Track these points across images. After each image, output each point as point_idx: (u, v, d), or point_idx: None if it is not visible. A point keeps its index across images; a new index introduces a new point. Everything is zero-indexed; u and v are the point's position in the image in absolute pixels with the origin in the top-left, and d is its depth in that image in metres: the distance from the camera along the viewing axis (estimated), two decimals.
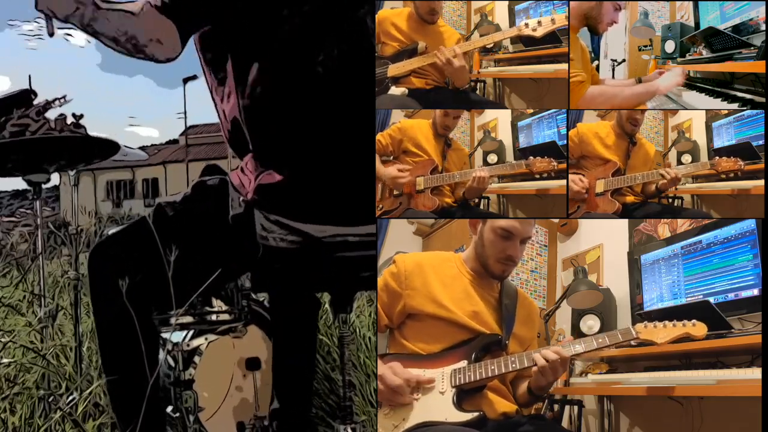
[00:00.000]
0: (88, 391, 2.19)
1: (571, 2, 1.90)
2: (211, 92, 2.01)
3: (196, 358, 2.26)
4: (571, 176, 1.89)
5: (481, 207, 1.92)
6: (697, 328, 1.66)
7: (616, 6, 1.94)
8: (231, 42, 1.90)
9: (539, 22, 1.88)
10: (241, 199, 1.90)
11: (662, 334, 1.67)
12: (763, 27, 1.83)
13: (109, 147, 2.48)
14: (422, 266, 1.87)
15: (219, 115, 2.01)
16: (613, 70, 1.98)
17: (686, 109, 1.93)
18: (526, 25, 1.90)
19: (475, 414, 1.70)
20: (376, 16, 1.91)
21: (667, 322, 1.68)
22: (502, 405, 1.78)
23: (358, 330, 2.97)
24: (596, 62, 1.98)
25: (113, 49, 1.85)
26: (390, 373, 1.76)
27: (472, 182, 1.90)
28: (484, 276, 1.87)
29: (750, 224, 1.76)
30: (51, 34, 1.80)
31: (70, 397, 2.25)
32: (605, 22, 1.94)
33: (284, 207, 1.86)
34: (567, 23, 1.89)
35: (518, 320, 1.85)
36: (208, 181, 2.01)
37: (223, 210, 1.92)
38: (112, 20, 1.81)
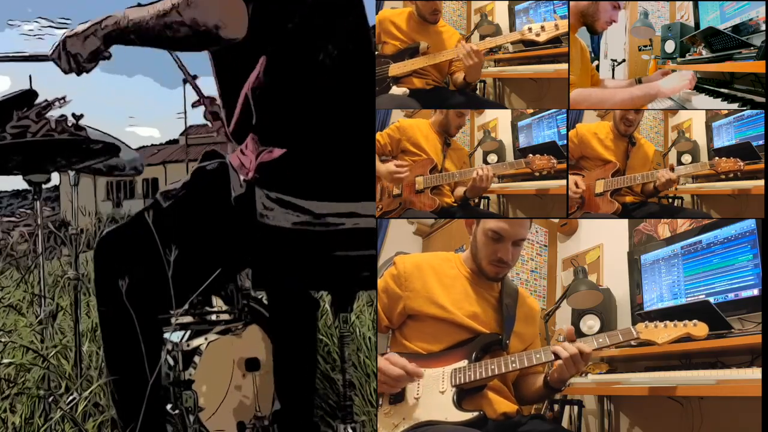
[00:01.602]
0: (88, 391, 2.19)
1: (570, 2, 1.90)
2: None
3: (196, 358, 2.26)
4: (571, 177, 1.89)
5: (481, 207, 1.92)
6: (699, 328, 1.66)
7: (615, 5, 1.94)
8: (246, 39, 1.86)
9: (542, 27, 1.87)
10: (242, 179, 1.89)
11: (663, 334, 1.67)
12: (763, 27, 1.83)
13: (109, 149, 2.48)
14: (422, 268, 1.87)
15: (222, 115, 2.01)
16: (613, 70, 1.98)
17: (686, 109, 1.93)
18: (530, 29, 1.89)
19: (476, 414, 1.70)
20: (377, 16, 1.91)
21: (668, 322, 1.68)
22: (502, 405, 1.78)
23: (358, 330, 2.97)
24: (596, 62, 1.98)
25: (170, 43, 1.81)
26: (388, 364, 1.76)
27: (474, 180, 1.90)
28: (483, 276, 1.87)
29: (750, 224, 1.76)
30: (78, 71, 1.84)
31: (70, 397, 2.25)
32: (603, 20, 1.94)
33: (284, 183, 1.85)
34: (569, 29, 1.88)
35: (519, 318, 1.85)
36: (208, 166, 2.00)
37: (224, 192, 1.91)
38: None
